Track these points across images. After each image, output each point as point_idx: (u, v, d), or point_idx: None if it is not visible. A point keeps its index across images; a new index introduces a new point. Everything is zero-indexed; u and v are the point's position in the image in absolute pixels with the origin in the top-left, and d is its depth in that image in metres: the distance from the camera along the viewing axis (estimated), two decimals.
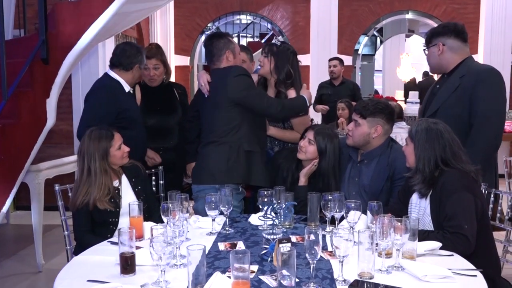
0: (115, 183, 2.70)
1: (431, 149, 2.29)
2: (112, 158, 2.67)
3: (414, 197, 2.40)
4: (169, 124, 3.72)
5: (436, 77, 7.55)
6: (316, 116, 6.63)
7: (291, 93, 3.18)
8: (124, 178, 2.77)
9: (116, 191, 2.68)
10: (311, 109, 3.69)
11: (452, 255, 2.07)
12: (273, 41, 3.33)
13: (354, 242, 1.82)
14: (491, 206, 2.85)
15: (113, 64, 3.31)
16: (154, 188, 3.23)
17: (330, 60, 6.64)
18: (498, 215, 2.94)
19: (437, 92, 2.98)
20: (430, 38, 2.98)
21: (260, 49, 3.66)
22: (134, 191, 2.76)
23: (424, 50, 3.05)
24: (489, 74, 2.82)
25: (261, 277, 1.83)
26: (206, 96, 3.08)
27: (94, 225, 2.64)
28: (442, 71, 3.01)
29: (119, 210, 2.66)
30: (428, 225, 2.29)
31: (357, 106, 2.87)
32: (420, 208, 2.36)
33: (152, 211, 2.74)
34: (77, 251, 2.56)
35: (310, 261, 1.75)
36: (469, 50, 2.98)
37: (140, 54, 3.33)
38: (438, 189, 2.27)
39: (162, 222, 2.28)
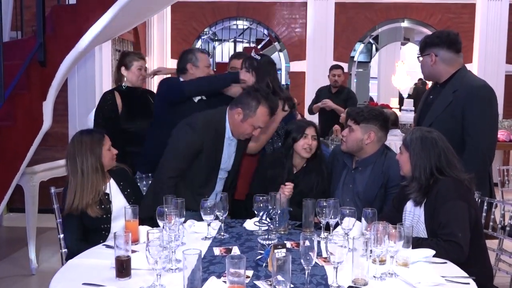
0: (104, 189, 2.67)
1: (427, 157, 2.31)
2: (103, 159, 2.64)
3: (409, 205, 2.42)
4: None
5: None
6: (313, 118, 6.61)
7: None
8: (112, 182, 2.74)
9: (106, 197, 2.66)
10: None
11: (446, 262, 2.09)
12: (252, 54, 3.32)
13: (349, 248, 1.83)
14: (484, 214, 2.88)
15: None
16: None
17: (334, 68, 6.58)
18: (491, 223, 2.97)
19: (430, 103, 2.99)
20: (424, 47, 2.97)
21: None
22: (124, 194, 2.74)
23: (418, 57, 3.05)
24: (481, 90, 2.81)
25: (256, 282, 1.84)
26: None
27: (86, 232, 2.62)
28: (435, 80, 3.02)
29: (110, 216, 2.64)
30: (422, 232, 2.31)
31: (351, 112, 2.89)
32: (414, 216, 2.37)
33: None
34: (70, 258, 2.55)
35: (305, 267, 1.76)
36: (462, 60, 2.97)
37: (191, 53, 3.38)
38: (432, 197, 2.29)
39: (151, 225, 2.30)
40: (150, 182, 3.17)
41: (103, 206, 2.62)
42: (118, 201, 2.69)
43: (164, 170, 2.75)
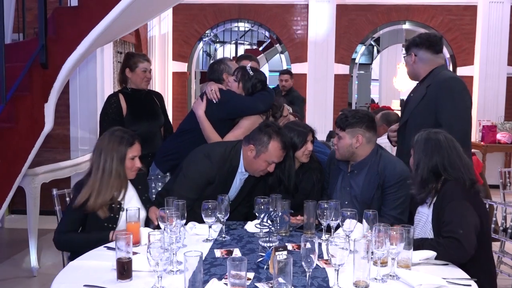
0: (117, 196, 2.57)
1: (427, 157, 2.34)
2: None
3: (420, 207, 2.44)
4: (154, 130, 3.82)
5: None
6: None
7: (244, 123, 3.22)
8: (129, 188, 2.64)
9: (118, 205, 2.56)
10: None
11: (447, 264, 2.09)
12: (247, 67, 3.32)
13: (350, 250, 1.83)
14: None
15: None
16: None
17: (282, 73, 6.65)
18: (493, 225, 2.97)
19: (410, 100, 3.10)
20: (407, 47, 3.12)
21: (253, 62, 3.67)
22: (141, 199, 2.67)
23: (404, 57, 3.21)
24: (451, 82, 2.91)
25: (257, 284, 1.84)
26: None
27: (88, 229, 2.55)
28: (416, 79, 3.14)
29: (115, 227, 2.54)
30: (429, 232, 2.32)
31: (336, 120, 2.90)
32: (423, 215, 2.40)
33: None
34: (58, 244, 2.52)
35: (306, 269, 1.77)
36: (441, 60, 3.09)
37: (222, 63, 3.42)
38: (440, 198, 2.31)
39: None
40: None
41: (111, 215, 2.53)
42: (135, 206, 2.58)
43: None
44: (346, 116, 2.83)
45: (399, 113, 7.64)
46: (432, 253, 2.10)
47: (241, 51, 10.36)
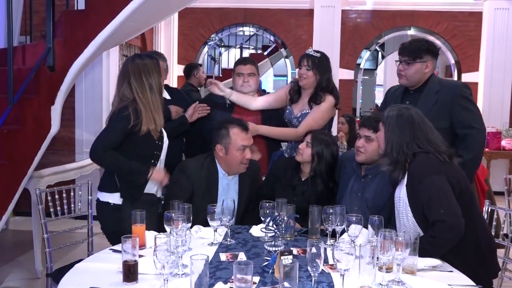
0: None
1: (401, 133, 2.35)
2: None
3: (397, 192, 2.44)
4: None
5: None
6: None
7: (329, 98, 3.25)
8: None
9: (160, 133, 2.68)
10: None
11: (452, 271, 2.09)
12: (308, 52, 3.31)
13: (355, 256, 1.83)
14: (494, 223, 2.91)
15: None
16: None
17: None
18: (501, 232, 2.96)
19: None
20: (419, 54, 3.01)
21: (249, 65, 3.60)
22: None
23: (405, 60, 3.05)
24: (465, 88, 3.02)
25: None
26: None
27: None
28: (413, 85, 3.11)
29: (161, 144, 2.68)
30: (410, 214, 2.32)
31: (366, 122, 2.83)
32: (400, 201, 2.39)
33: None
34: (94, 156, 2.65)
35: (312, 274, 1.77)
36: None
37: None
38: (410, 177, 2.32)
39: None
40: None
41: (157, 142, 2.64)
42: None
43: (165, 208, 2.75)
44: (379, 119, 2.81)
45: None
46: (437, 262, 2.10)
47: (246, 55, 10.39)
